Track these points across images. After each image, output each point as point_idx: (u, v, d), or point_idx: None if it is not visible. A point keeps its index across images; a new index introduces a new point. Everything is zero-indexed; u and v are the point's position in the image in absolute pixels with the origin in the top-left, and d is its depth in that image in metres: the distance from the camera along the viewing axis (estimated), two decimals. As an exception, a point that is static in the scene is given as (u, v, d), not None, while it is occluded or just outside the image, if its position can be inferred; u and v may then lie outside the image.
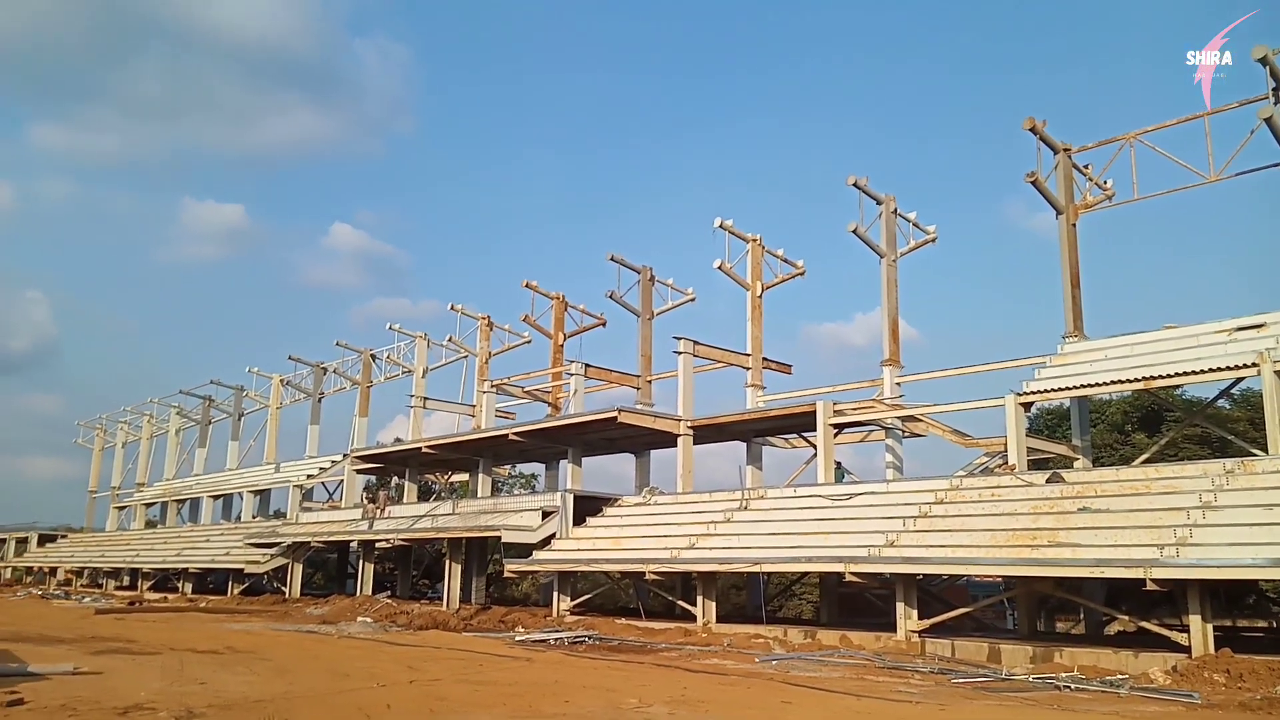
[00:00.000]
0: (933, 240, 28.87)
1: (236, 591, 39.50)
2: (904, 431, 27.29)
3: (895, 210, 28.20)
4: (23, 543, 66.57)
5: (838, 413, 26.03)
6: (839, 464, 26.78)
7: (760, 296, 31.30)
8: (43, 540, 64.42)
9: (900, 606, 18.89)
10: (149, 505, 60.16)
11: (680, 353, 29.84)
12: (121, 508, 63.07)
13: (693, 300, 34.68)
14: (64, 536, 63.95)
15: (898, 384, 26.89)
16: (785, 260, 32.30)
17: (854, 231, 27.30)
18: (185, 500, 56.12)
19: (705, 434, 30.17)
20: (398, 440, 40.60)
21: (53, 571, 56.88)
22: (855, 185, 27.40)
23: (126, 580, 49.10)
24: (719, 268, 30.65)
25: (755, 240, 31.56)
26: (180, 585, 43.49)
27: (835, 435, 26.64)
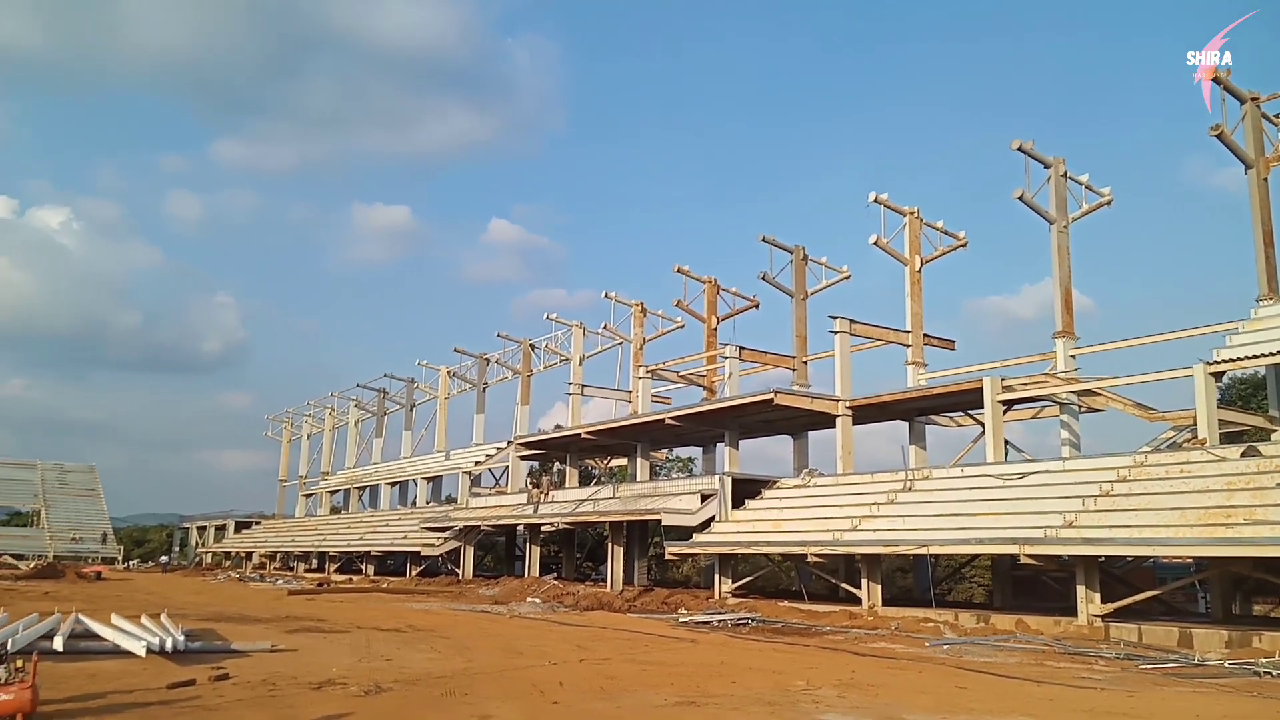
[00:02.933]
0: (1107, 203, 27.19)
1: (414, 573, 41.55)
2: (1080, 407, 25.90)
3: (1065, 173, 26.69)
4: (221, 529, 72.35)
5: (1006, 389, 24.96)
6: (1008, 442, 25.69)
7: (919, 271, 30.31)
8: (239, 527, 69.88)
9: (1081, 590, 18.00)
10: (333, 492, 64.09)
11: (836, 332, 29.30)
12: (308, 495, 67.49)
13: (848, 278, 33.94)
14: (257, 523, 69.03)
15: (1072, 356, 25.48)
16: (945, 232, 31.14)
17: (1020, 198, 26.02)
18: (365, 487, 59.49)
19: (865, 414, 29.53)
20: (558, 427, 41.61)
21: (248, 556, 61.43)
22: (1021, 149, 26.11)
23: (315, 563, 52.47)
24: (875, 243, 29.84)
25: (912, 213, 30.55)
26: (363, 567, 46.15)
27: (1004, 412, 25.57)
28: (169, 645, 13.35)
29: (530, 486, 38.45)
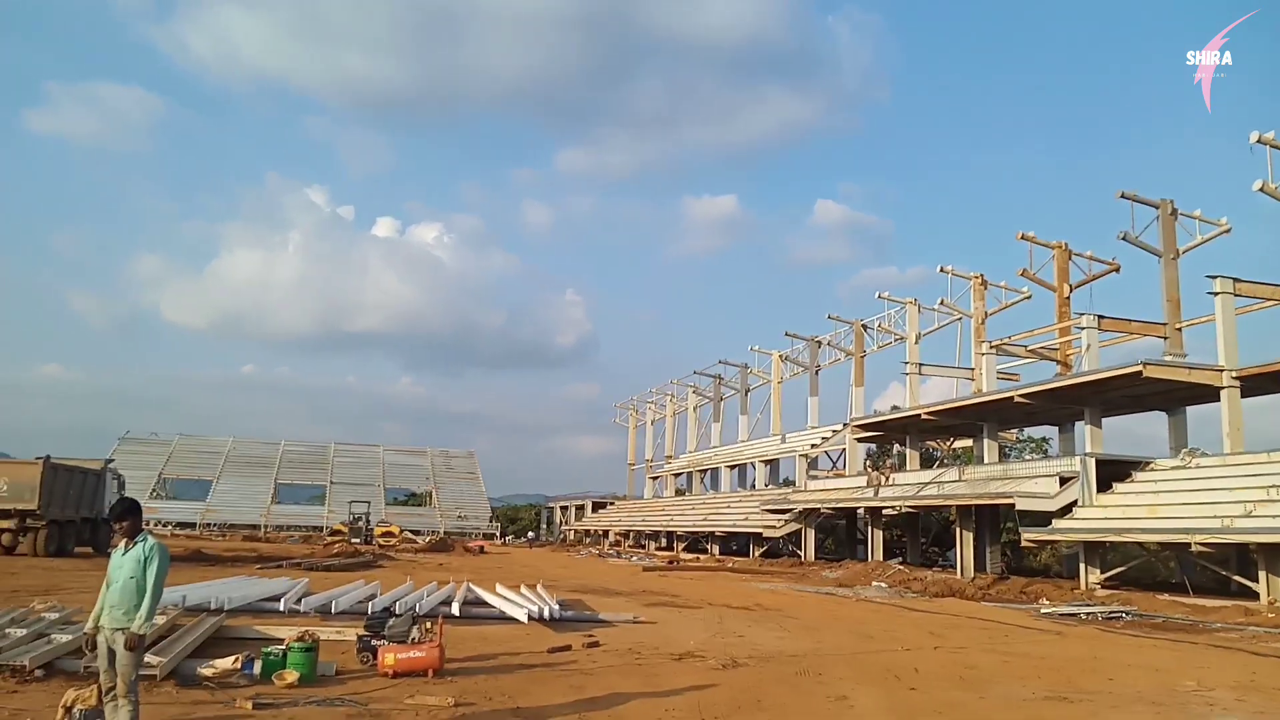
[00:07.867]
0: None
1: (757, 554, 42.47)
2: None
3: None
4: (580, 509, 78.34)
5: None
6: None
7: (1321, 217, 26.05)
8: (595, 507, 75.33)
9: None
10: (676, 475, 67.14)
11: (1217, 293, 25.94)
12: (655, 477, 71.23)
13: (1228, 232, 29.86)
14: (611, 503, 73.99)
15: None
16: (1354, 169, 26.46)
17: None
18: (706, 470, 61.72)
19: (1256, 385, 25.92)
20: (894, 408, 40.58)
21: (604, 533, 66.00)
22: None
23: (663, 541, 55.23)
24: (1260, 190, 26.02)
25: (1309, 150, 26.28)
26: (708, 547, 47.91)
27: None
28: (546, 613, 14.71)
29: (869, 469, 37.85)
